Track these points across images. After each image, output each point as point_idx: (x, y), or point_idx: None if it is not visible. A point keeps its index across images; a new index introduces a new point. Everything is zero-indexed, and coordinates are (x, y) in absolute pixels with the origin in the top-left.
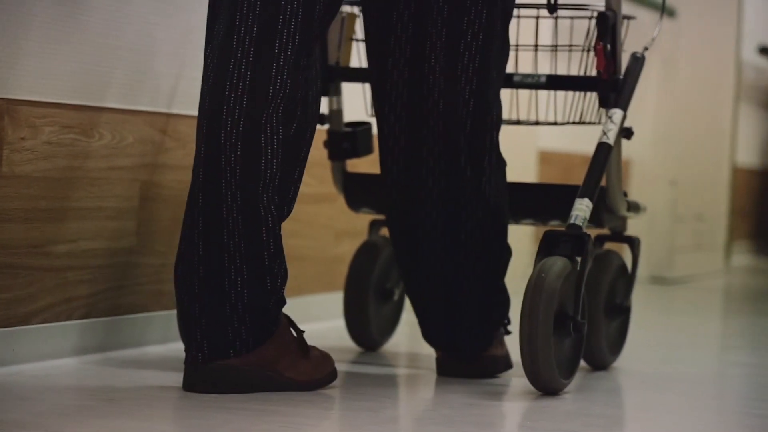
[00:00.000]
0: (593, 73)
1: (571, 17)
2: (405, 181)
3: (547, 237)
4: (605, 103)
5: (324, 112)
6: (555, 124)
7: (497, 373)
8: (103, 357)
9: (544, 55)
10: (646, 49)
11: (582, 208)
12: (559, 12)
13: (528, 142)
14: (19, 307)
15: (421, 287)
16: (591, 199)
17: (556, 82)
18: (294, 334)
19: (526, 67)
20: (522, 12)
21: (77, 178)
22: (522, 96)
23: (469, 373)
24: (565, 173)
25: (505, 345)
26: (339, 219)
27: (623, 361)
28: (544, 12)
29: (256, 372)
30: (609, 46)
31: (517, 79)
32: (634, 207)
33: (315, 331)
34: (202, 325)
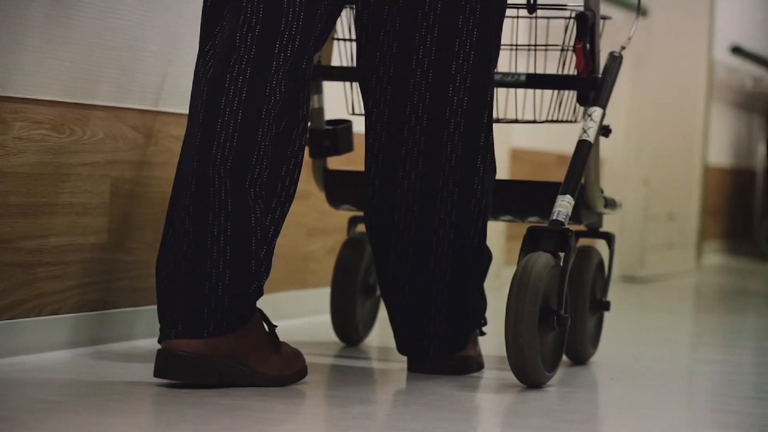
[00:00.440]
0: (571, 71)
1: (547, 17)
2: (381, 181)
3: (531, 233)
4: (584, 101)
5: None
6: (534, 122)
7: (468, 373)
8: (74, 353)
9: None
10: (623, 48)
11: (564, 204)
12: (538, 12)
13: (500, 140)
14: None
15: (392, 291)
16: (573, 195)
17: (535, 81)
18: (266, 329)
19: (501, 66)
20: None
21: (48, 173)
22: (498, 94)
23: (440, 372)
24: (537, 171)
25: (478, 345)
26: (311, 216)
27: (596, 358)
28: (523, 11)
29: (228, 364)
30: (588, 46)
31: (497, 77)
32: (611, 203)
33: (286, 328)
34: (180, 303)
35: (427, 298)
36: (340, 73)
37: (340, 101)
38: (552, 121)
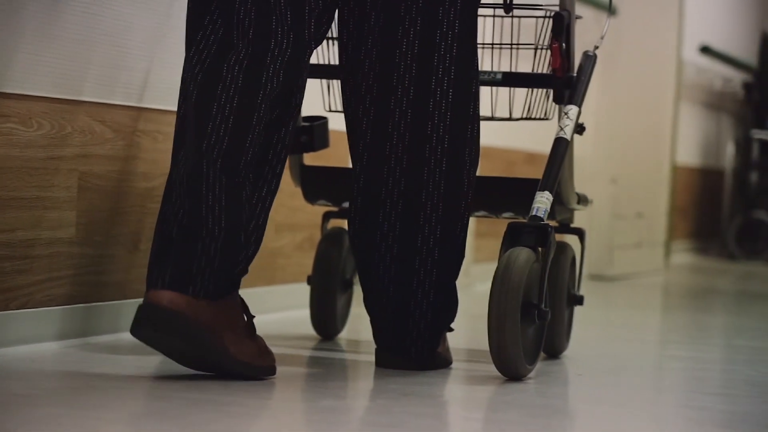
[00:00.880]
0: (542, 70)
1: (520, 16)
2: (366, 178)
3: (511, 228)
4: (560, 99)
5: None
6: (510, 119)
7: (437, 369)
8: (42, 347)
9: (486, 52)
10: (596, 47)
11: (543, 200)
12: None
13: None
14: None
15: (375, 291)
16: (551, 191)
17: (512, 79)
18: (245, 318)
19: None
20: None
21: (15, 167)
22: None
23: (409, 367)
24: (506, 169)
25: (447, 341)
26: (279, 212)
27: (565, 354)
28: (499, 11)
29: (203, 332)
30: (564, 45)
31: None
32: (583, 200)
33: (255, 324)
34: (170, 258)
35: (412, 299)
36: (319, 71)
37: (316, 98)
38: (526, 118)
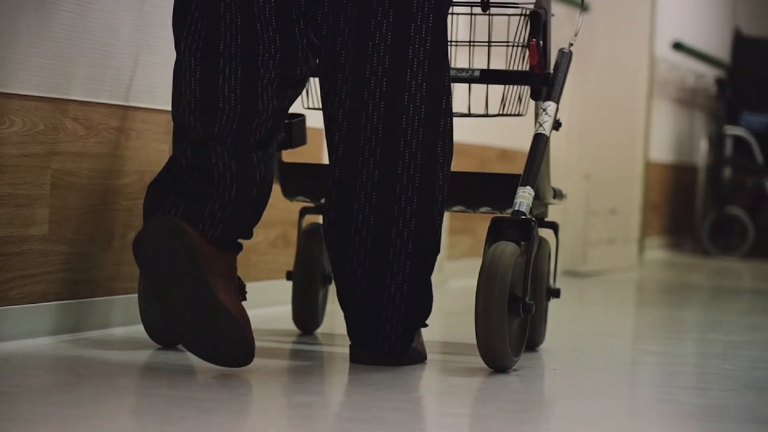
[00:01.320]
0: (517, 67)
1: (497, 14)
2: (341, 171)
3: (495, 223)
4: (537, 96)
5: None
6: (487, 116)
7: (411, 365)
8: (17, 344)
9: (460, 49)
10: (571, 45)
11: (525, 195)
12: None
13: None
14: None
15: (348, 286)
16: (532, 186)
17: (490, 77)
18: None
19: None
20: (455, 9)
21: None
22: None
23: (384, 363)
24: (480, 165)
25: (422, 336)
26: None
27: (539, 349)
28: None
29: (200, 267)
30: (541, 42)
31: (452, 73)
32: (558, 194)
33: None
34: (184, 198)
35: (386, 292)
36: None
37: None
38: (502, 115)
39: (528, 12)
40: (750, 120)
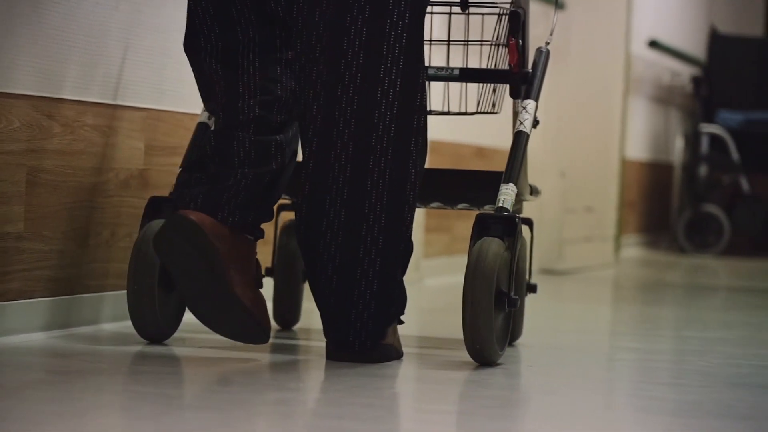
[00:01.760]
0: (493, 66)
1: (476, 13)
2: (314, 164)
3: (480, 220)
4: (516, 94)
5: None
6: (465, 114)
7: (387, 361)
8: None
9: (436, 48)
10: (548, 43)
11: (508, 192)
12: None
13: None
14: None
15: (319, 281)
16: (515, 183)
17: (469, 75)
18: (255, 271)
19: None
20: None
21: None
22: None
23: (360, 360)
24: (455, 163)
25: (398, 333)
26: None
27: (514, 347)
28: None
29: (218, 259)
30: (521, 42)
31: (431, 72)
32: (535, 191)
33: None
34: (203, 188)
35: (356, 289)
36: None
37: None
38: (479, 112)
39: (506, 12)
40: (726, 118)
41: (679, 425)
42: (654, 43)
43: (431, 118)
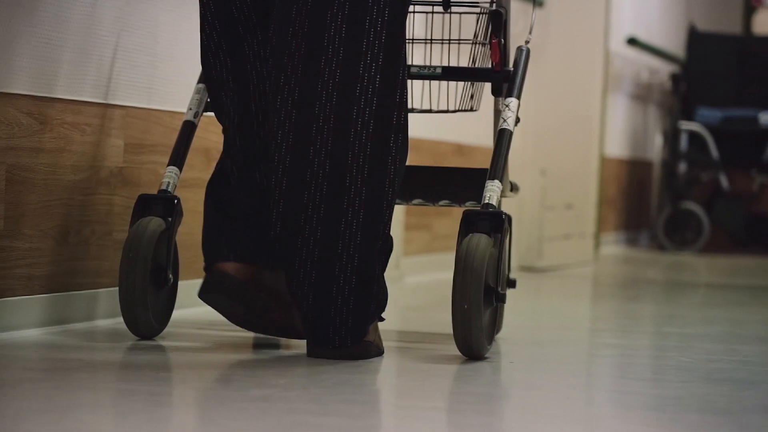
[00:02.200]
0: (472, 64)
1: (458, 12)
2: (292, 160)
3: (468, 216)
4: (498, 92)
5: None
6: (447, 111)
7: (368, 358)
8: None
9: (416, 47)
10: (527, 41)
11: (494, 188)
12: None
13: None
14: None
15: (298, 278)
16: (501, 180)
17: (451, 74)
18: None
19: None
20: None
21: None
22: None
23: (341, 357)
24: (435, 160)
25: (378, 330)
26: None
27: (495, 343)
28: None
29: (252, 307)
30: (503, 40)
31: (414, 70)
32: (514, 188)
33: (185, 317)
34: (237, 229)
35: (334, 286)
36: None
37: None
38: (460, 110)
39: (488, 11)
40: (704, 115)
41: (658, 420)
42: (633, 41)
43: (411, 115)
